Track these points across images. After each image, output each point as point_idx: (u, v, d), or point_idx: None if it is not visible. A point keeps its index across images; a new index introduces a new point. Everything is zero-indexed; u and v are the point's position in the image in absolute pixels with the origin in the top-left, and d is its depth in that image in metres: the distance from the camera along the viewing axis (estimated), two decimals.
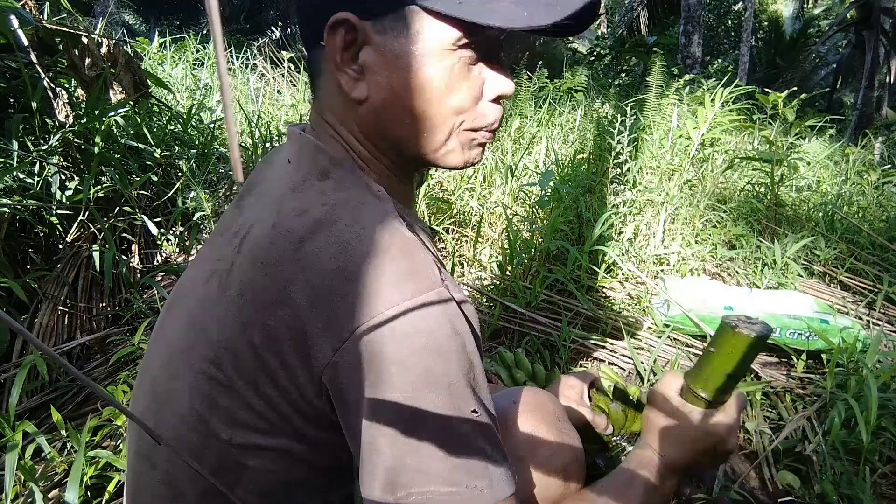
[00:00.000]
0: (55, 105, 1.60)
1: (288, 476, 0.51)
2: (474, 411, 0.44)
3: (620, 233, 2.03)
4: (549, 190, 1.84)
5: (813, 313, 1.45)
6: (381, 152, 0.56)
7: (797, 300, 1.53)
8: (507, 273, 1.70)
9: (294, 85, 3.54)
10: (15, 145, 1.43)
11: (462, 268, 1.85)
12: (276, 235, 0.47)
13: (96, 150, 1.56)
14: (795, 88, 3.07)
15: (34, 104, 1.52)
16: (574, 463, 0.67)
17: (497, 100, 0.54)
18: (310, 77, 0.57)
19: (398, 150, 0.56)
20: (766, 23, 14.12)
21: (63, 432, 1.04)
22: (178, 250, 1.78)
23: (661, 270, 1.90)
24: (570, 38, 9.28)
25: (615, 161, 2.41)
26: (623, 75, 7.70)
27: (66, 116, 1.61)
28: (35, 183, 1.47)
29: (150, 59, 3.21)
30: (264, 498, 0.51)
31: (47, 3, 1.80)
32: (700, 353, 1.43)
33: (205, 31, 7.33)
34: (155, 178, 1.82)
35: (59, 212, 1.49)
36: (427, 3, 0.47)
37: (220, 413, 0.49)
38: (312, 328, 0.44)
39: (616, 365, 1.41)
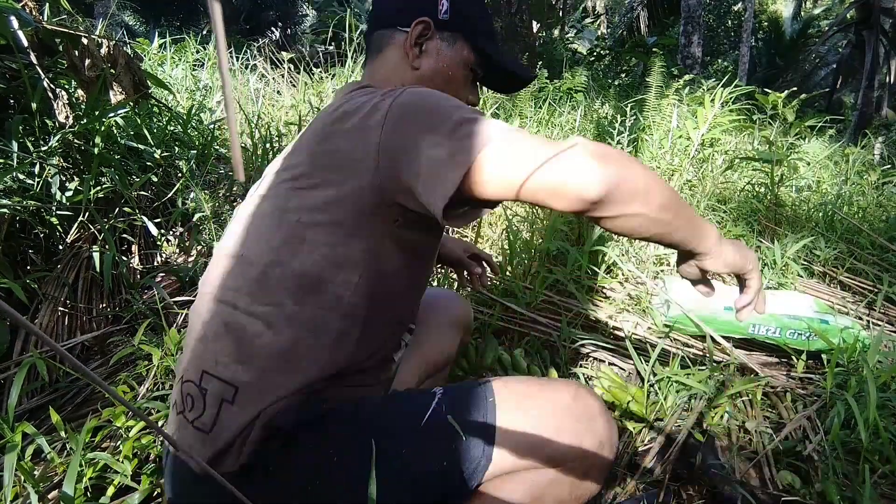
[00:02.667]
0: (55, 106, 1.60)
1: (332, 257, 0.68)
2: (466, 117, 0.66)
3: None
4: None
5: (813, 313, 1.45)
6: None
7: (797, 300, 1.53)
8: (508, 273, 1.70)
9: (294, 85, 3.52)
10: (15, 146, 1.43)
11: None
12: (349, 97, 0.72)
13: (96, 150, 1.56)
14: (795, 88, 3.07)
15: (34, 105, 1.52)
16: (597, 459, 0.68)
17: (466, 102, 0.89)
18: (371, 49, 0.87)
19: None
20: (766, 23, 14.13)
21: (62, 433, 1.04)
22: (178, 251, 1.78)
23: (661, 270, 1.90)
24: (571, 39, 9.32)
25: None
26: (623, 76, 7.70)
27: (66, 117, 1.61)
28: (35, 184, 1.47)
29: (150, 59, 3.21)
30: (308, 273, 0.68)
31: (47, 4, 1.80)
32: (700, 352, 1.43)
33: (205, 32, 7.33)
34: (155, 179, 1.82)
35: (59, 213, 1.49)
36: (479, 43, 0.85)
37: (295, 202, 0.69)
38: (374, 122, 0.66)
39: (616, 365, 1.41)
